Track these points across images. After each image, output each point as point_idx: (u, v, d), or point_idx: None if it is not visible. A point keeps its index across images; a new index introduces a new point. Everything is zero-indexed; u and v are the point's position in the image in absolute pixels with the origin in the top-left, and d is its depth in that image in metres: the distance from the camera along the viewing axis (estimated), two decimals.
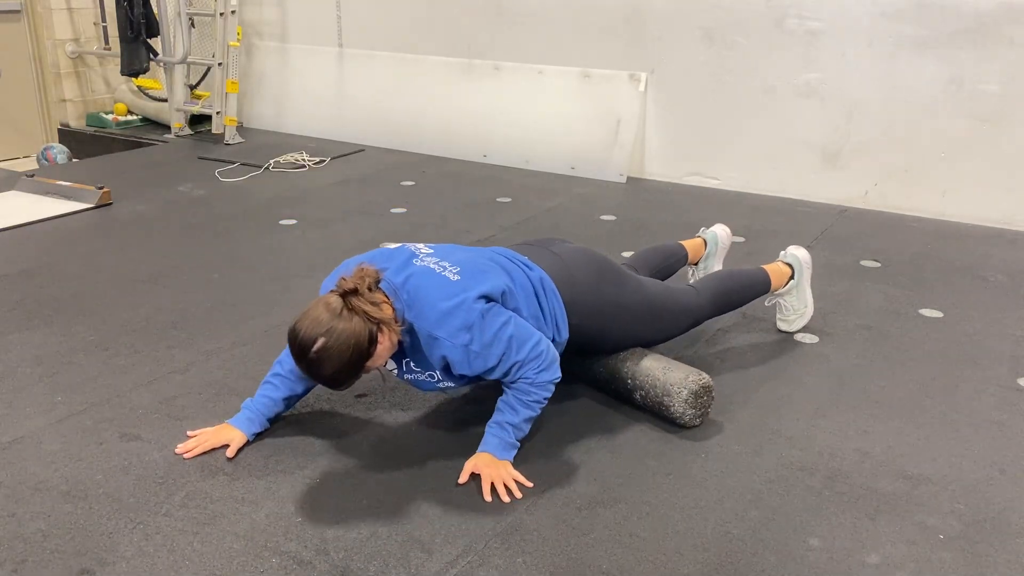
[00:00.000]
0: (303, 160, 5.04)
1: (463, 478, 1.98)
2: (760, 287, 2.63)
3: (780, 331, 2.78)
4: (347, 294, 1.86)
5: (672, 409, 2.18)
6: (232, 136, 5.54)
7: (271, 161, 4.98)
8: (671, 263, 2.76)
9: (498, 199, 4.36)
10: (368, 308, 1.85)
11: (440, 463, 2.07)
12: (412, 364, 2.05)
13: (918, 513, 1.90)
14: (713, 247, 2.88)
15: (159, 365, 2.56)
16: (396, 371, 2.09)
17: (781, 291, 2.71)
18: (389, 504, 1.92)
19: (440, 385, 2.06)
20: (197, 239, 3.71)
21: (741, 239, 3.71)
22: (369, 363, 1.88)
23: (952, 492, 1.98)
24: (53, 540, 1.79)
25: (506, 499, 1.92)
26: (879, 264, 3.45)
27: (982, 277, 3.33)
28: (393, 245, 2.15)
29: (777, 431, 2.22)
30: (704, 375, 2.20)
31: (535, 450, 2.12)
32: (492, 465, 1.98)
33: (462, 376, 2.02)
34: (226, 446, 2.10)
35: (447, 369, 2.00)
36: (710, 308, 2.49)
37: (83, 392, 2.40)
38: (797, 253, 2.74)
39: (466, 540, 1.80)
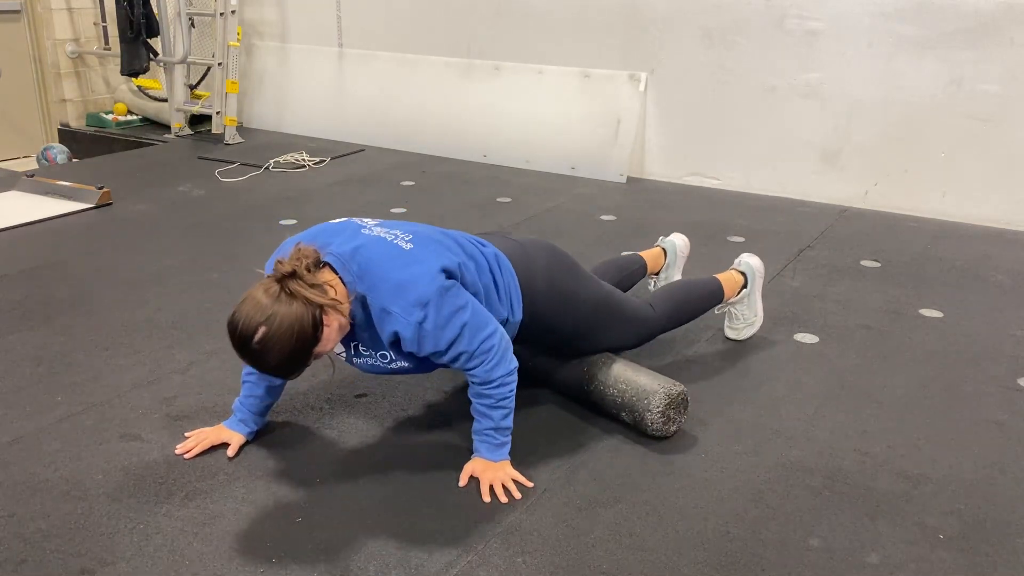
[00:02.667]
0: (303, 160, 5.04)
1: (462, 482, 1.98)
2: (716, 298, 2.58)
3: (728, 339, 2.73)
4: (285, 278, 1.73)
5: (648, 425, 2.14)
6: (232, 136, 5.54)
7: (271, 161, 4.98)
8: (629, 274, 2.70)
9: (498, 199, 4.36)
10: (308, 292, 1.72)
11: (440, 463, 2.07)
12: (361, 347, 1.95)
13: (918, 513, 1.90)
14: (672, 257, 2.85)
15: (159, 365, 2.56)
16: (344, 355, 2.00)
17: (733, 300, 2.65)
18: (389, 504, 1.92)
19: (393, 366, 1.96)
20: (197, 239, 3.71)
21: (741, 239, 3.71)
22: (317, 349, 1.76)
23: (952, 492, 1.98)
24: (53, 540, 1.79)
25: (504, 500, 1.92)
26: (879, 264, 3.45)
27: (982, 277, 3.33)
28: (337, 220, 2.04)
29: (777, 431, 2.22)
30: (666, 390, 2.12)
31: (535, 450, 2.12)
32: (490, 468, 1.98)
33: (411, 355, 1.91)
34: (226, 445, 2.10)
35: (397, 345, 1.88)
36: (665, 321, 2.43)
37: (83, 392, 2.40)
38: (751, 261, 2.69)
39: (466, 540, 1.80)
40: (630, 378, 2.19)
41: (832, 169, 4.31)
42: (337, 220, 2.03)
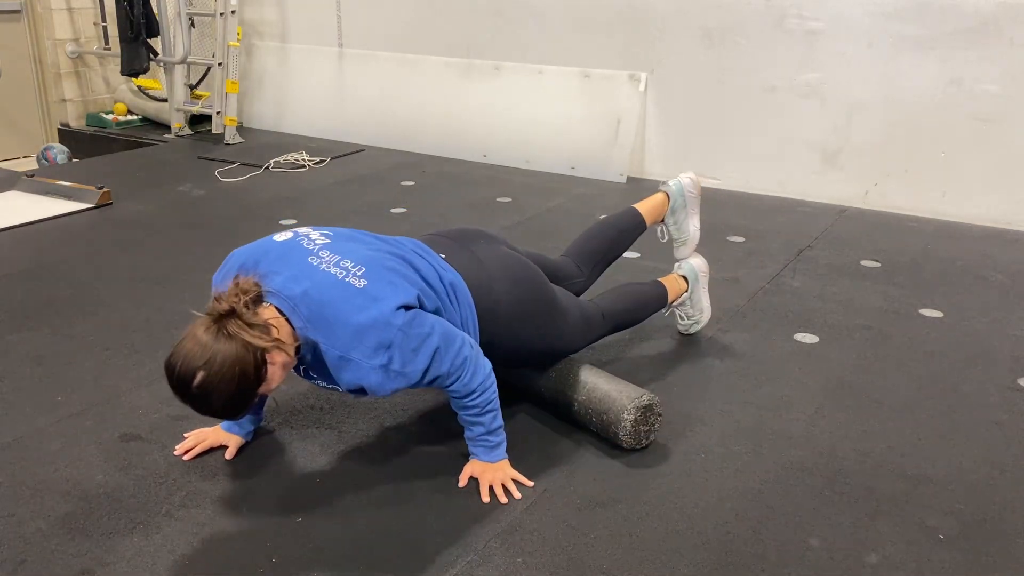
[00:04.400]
0: (303, 160, 5.04)
1: (462, 482, 1.98)
2: (660, 303, 2.59)
3: (680, 333, 2.76)
4: (222, 317, 1.63)
5: (631, 447, 2.12)
6: (232, 136, 5.54)
7: (271, 161, 4.98)
8: (625, 236, 2.62)
9: (498, 199, 4.36)
10: (247, 335, 1.61)
11: (440, 463, 2.07)
12: (312, 372, 1.85)
13: (918, 513, 1.90)
14: (679, 200, 2.68)
15: (159, 365, 2.54)
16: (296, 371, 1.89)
17: (676, 303, 2.66)
18: (389, 504, 1.92)
19: (346, 392, 1.87)
20: (197, 239, 3.71)
21: (741, 239, 3.71)
22: (261, 389, 1.67)
23: (952, 492, 1.98)
24: (53, 540, 1.79)
25: (504, 500, 1.92)
26: (879, 264, 3.45)
27: (982, 277, 3.33)
28: (281, 236, 1.89)
29: (777, 431, 2.22)
30: (632, 405, 2.08)
31: (535, 450, 2.12)
32: (489, 469, 1.97)
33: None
34: (225, 446, 2.10)
35: (358, 391, 1.81)
36: (610, 329, 2.42)
37: (83, 392, 2.40)
38: (693, 263, 2.69)
39: (466, 540, 1.80)
40: (592, 410, 2.14)
41: (832, 169, 4.31)
42: (281, 236, 1.89)
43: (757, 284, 3.21)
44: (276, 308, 1.73)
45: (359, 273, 1.77)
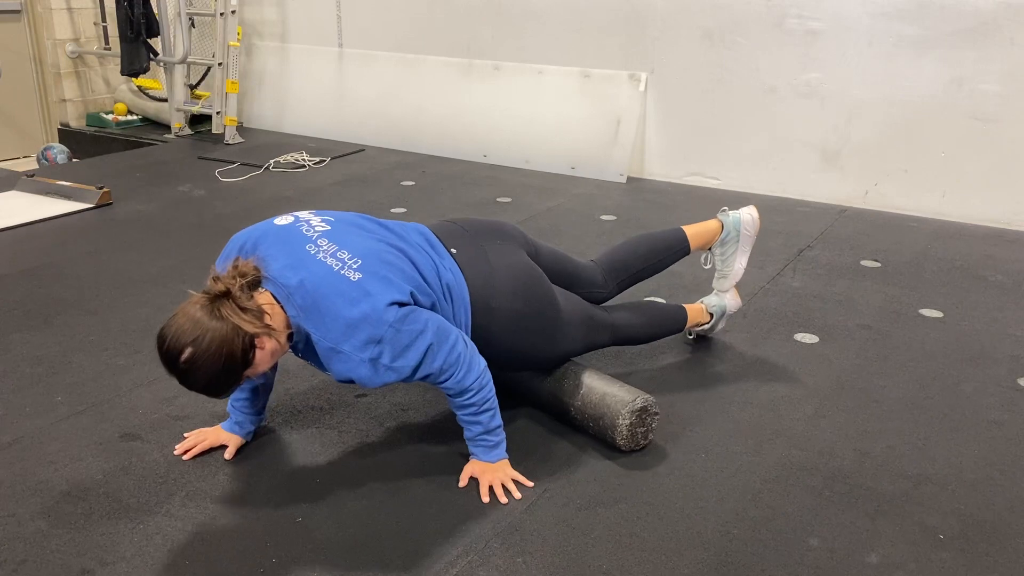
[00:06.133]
0: (303, 160, 5.04)
1: (462, 482, 1.98)
2: (674, 329, 2.52)
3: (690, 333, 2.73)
4: (218, 298, 1.64)
5: (627, 449, 2.11)
6: (232, 136, 5.54)
7: (271, 161, 4.98)
8: (665, 257, 2.55)
9: (498, 199, 4.36)
10: (238, 319, 1.63)
11: (440, 463, 2.07)
12: (303, 355, 1.86)
13: (918, 513, 1.90)
14: (733, 233, 2.59)
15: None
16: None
17: (695, 328, 2.63)
18: (389, 504, 1.92)
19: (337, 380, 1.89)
20: (197, 239, 3.71)
21: None
22: (248, 372, 1.69)
23: (952, 492, 1.98)
24: (53, 540, 1.79)
25: (503, 500, 1.92)
26: (879, 264, 3.45)
27: (982, 277, 3.33)
28: (282, 220, 1.91)
29: (777, 431, 2.22)
30: (629, 407, 2.07)
31: (535, 450, 2.12)
32: (489, 469, 1.97)
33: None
34: (225, 446, 2.10)
35: (348, 382, 1.82)
36: (611, 343, 2.34)
37: (83, 392, 2.40)
38: (727, 303, 2.61)
39: (466, 540, 1.80)
40: (588, 415, 2.12)
41: (832, 169, 4.31)
42: (282, 220, 1.91)
43: (757, 284, 3.21)
44: (272, 295, 1.75)
45: (355, 266, 1.78)
